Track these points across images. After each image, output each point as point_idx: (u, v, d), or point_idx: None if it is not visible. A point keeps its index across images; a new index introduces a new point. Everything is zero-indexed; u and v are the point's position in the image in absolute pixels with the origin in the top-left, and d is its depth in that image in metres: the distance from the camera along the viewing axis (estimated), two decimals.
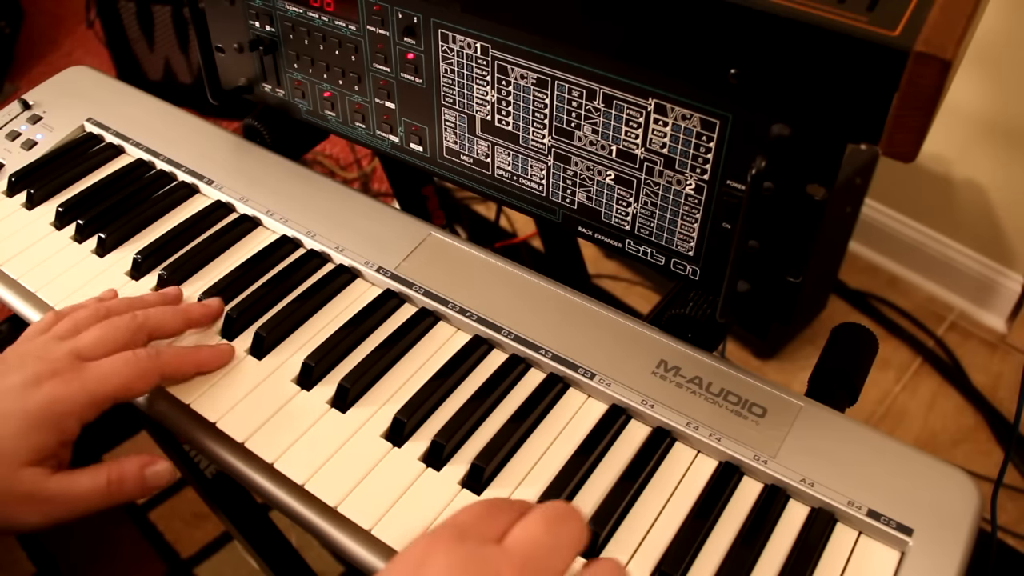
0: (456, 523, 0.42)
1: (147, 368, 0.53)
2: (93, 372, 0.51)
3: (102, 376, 0.51)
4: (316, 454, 0.52)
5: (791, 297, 0.53)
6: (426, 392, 0.55)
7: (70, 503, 0.50)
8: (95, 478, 0.51)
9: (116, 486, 0.51)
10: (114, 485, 0.51)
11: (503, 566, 0.39)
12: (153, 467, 0.52)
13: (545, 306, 0.60)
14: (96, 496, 0.50)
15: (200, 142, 0.74)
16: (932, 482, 0.49)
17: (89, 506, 0.50)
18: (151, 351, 0.54)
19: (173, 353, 0.55)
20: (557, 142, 0.59)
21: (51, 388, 0.50)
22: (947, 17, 0.41)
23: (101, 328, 0.54)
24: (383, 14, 0.61)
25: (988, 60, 1.38)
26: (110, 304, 0.58)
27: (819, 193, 0.49)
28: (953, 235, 1.59)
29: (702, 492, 0.51)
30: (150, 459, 0.53)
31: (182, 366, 0.55)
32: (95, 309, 0.56)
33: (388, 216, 0.67)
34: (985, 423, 1.44)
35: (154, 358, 0.54)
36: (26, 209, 0.70)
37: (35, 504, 0.49)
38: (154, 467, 0.52)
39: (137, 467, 0.52)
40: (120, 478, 0.51)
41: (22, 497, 0.48)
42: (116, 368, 0.52)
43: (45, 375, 0.50)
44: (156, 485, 0.52)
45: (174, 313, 0.58)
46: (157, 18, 1.79)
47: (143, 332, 0.55)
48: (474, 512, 0.43)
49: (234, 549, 1.29)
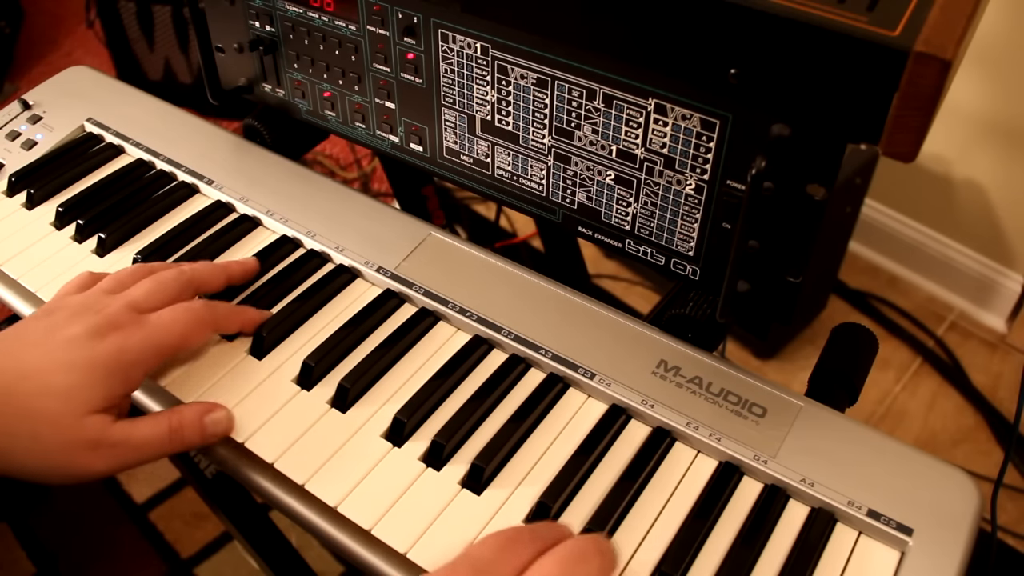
0: (474, 557, 0.43)
1: (204, 318, 0.55)
2: (155, 323, 0.53)
3: (164, 326, 0.53)
4: (316, 454, 0.52)
5: (791, 297, 0.53)
6: (426, 392, 0.55)
7: (133, 449, 0.50)
8: (156, 425, 0.51)
9: (177, 433, 0.51)
10: (175, 432, 0.51)
11: None
12: (212, 415, 0.52)
13: (545, 306, 0.60)
14: (158, 442, 0.51)
15: (200, 142, 0.74)
16: (932, 482, 0.49)
17: (151, 453, 0.51)
18: (207, 302, 0.56)
19: (226, 308, 0.58)
20: (557, 142, 0.59)
21: (116, 339, 0.51)
22: (947, 17, 0.41)
23: (151, 282, 0.55)
24: (383, 14, 0.61)
25: (988, 60, 1.38)
26: (151, 264, 0.59)
27: (819, 193, 0.49)
28: (953, 235, 1.59)
29: (702, 492, 0.51)
30: (209, 406, 0.53)
31: (232, 321, 0.58)
32: (137, 266, 0.58)
33: (388, 216, 0.67)
34: (985, 423, 1.44)
35: (211, 309, 0.56)
36: (26, 209, 0.70)
37: (99, 451, 0.49)
38: (213, 415, 0.52)
39: (197, 414, 0.52)
40: (180, 425, 0.51)
41: (88, 443, 0.49)
42: (176, 318, 0.53)
43: (106, 327, 0.51)
44: (215, 433, 0.52)
45: (216, 269, 0.60)
46: (157, 18, 1.79)
47: (191, 286, 0.57)
48: (493, 545, 0.44)
49: (234, 549, 1.29)
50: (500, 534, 0.45)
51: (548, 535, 0.46)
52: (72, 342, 0.50)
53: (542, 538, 0.45)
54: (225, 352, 0.58)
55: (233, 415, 0.53)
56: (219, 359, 0.58)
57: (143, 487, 1.37)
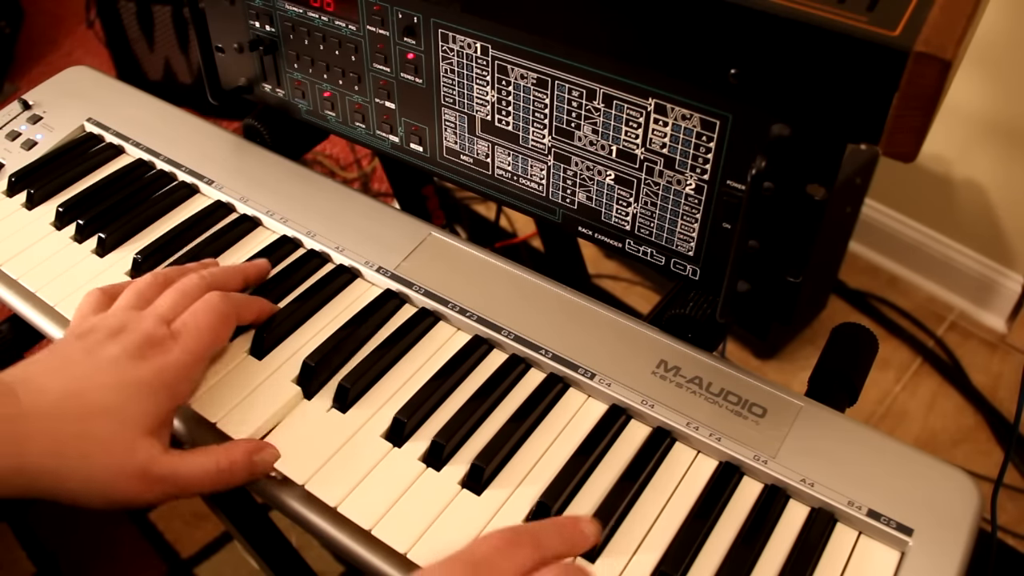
0: (472, 556, 0.43)
1: (227, 313, 0.55)
2: (185, 332, 0.53)
3: (194, 334, 0.53)
4: (316, 454, 0.52)
5: (791, 297, 0.53)
6: (426, 392, 0.55)
7: (178, 485, 0.49)
8: (205, 462, 0.50)
9: (226, 473, 0.50)
10: (224, 472, 0.50)
11: None
12: (260, 454, 0.51)
13: (545, 306, 0.60)
14: (205, 480, 0.50)
15: (200, 142, 0.74)
16: (932, 482, 0.49)
17: (196, 489, 0.50)
18: (223, 296, 0.56)
19: (242, 298, 0.58)
20: (557, 142, 0.59)
21: (157, 358, 0.51)
22: (947, 17, 0.41)
23: (175, 292, 0.56)
24: (383, 14, 0.61)
25: (988, 60, 1.38)
26: (166, 271, 0.59)
27: (819, 193, 0.49)
28: (953, 235, 1.59)
29: (702, 492, 0.51)
30: (257, 445, 0.52)
31: (250, 310, 0.58)
32: (153, 276, 0.58)
33: (388, 216, 0.67)
34: (985, 423, 1.44)
35: (230, 302, 0.56)
36: (26, 209, 0.70)
37: (146, 481, 0.48)
38: (261, 454, 0.51)
39: (245, 454, 0.51)
40: (230, 465, 0.50)
41: (136, 472, 0.48)
42: (202, 321, 0.54)
43: (145, 346, 0.51)
44: (263, 471, 0.52)
45: (234, 272, 0.60)
46: (157, 18, 1.79)
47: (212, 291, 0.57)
48: (492, 545, 0.44)
49: (234, 549, 1.29)
50: (501, 533, 0.45)
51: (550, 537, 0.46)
52: (116, 363, 0.50)
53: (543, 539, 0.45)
54: (225, 352, 0.58)
55: (277, 451, 0.52)
56: (219, 359, 0.58)
57: None
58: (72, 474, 0.47)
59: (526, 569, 0.43)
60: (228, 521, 0.84)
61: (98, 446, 0.47)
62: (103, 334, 0.52)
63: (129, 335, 0.51)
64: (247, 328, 0.59)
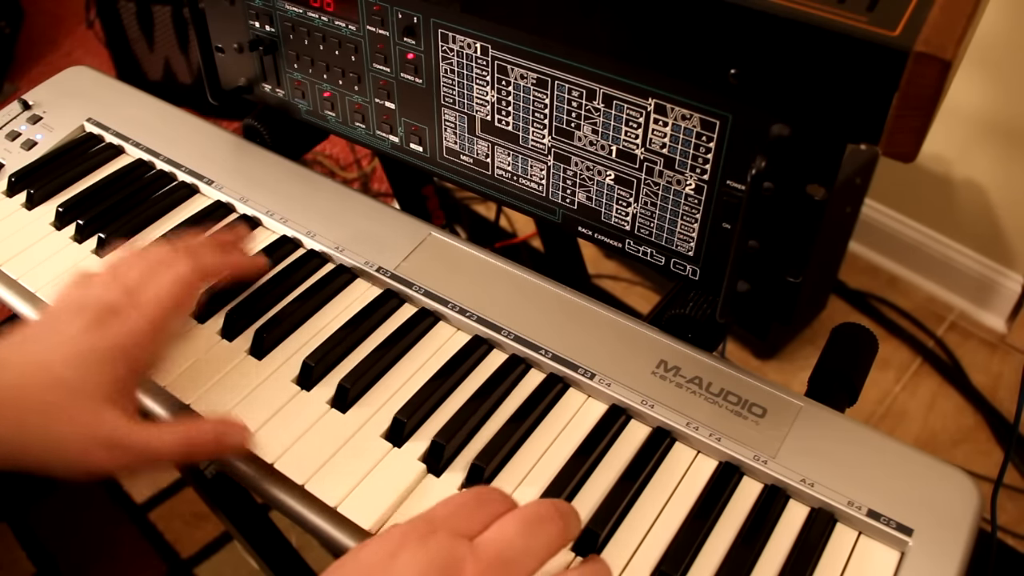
0: (431, 517, 0.42)
1: (189, 279, 0.55)
2: (145, 298, 0.53)
3: (154, 301, 0.53)
4: (316, 454, 0.52)
5: (791, 297, 0.53)
6: (426, 392, 0.55)
7: (146, 455, 0.50)
8: (173, 434, 0.50)
9: (193, 444, 0.51)
10: (192, 443, 0.50)
11: (468, 565, 0.40)
12: (229, 429, 0.52)
13: (545, 306, 0.60)
14: (171, 452, 0.50)
15: (200, 142, 0.74)
16: (932, 482, 0.49)
17: (164, 459, 0.51)
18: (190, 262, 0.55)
19: (210, 256, 0.57)
20: (557, 142, 0.59)
21: (115, 327, 0.51)
22: (947, 17, 0.41)
23: (144, 262, 0.55)
24: (383, 14, 0.61)
25: (988, 60, 1.38)
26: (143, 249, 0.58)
27: (819, 193, 0.49)
28: (953, 235, 1.59)
29: (702, 492, 0.51)
30: (227, 421, 0.53)
31: (222, 266, 0.58)
32: (128, 253, 0.58)
33: (388, 216, 0.67)
34: (985, 423, 1.44)
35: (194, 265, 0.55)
36: (26, 209, 0.70)
37: (111, 451, 0.49)
38: (230, 429, 0.52)
39: (214, 427, 0.52)
40: (198, 436, 0.51)
41: (104, 442, 0.48)
42: (163, 288, 0.53)
43: (106, 315, 0.51)
44: (231, 446, 0.52)
45: (205, 239, 0.60)
46: (157, 18, 1.79)
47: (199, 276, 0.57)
48: (453, 505, 0.43)
49: (234, 549, 1.29)
50: (464, 494, 0.44)
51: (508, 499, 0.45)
52: (76, 336, 0.51)
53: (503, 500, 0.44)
54: (225, 352, 0.58)
55: (250, 431, 0.53)
56: (219, 359, 0.58)
57: (143, 487, 1.37)
58: (38, 444, 0.48)
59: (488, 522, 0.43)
60: (228, 521, 0.84)
61: (61, 416, 0.48)
62: (70, 311, 0.53)
63: (91, 307, 0.52)
64: (245, 327, 0.59)
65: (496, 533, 0.42)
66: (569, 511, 0.44)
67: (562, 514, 0.44)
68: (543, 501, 0.44)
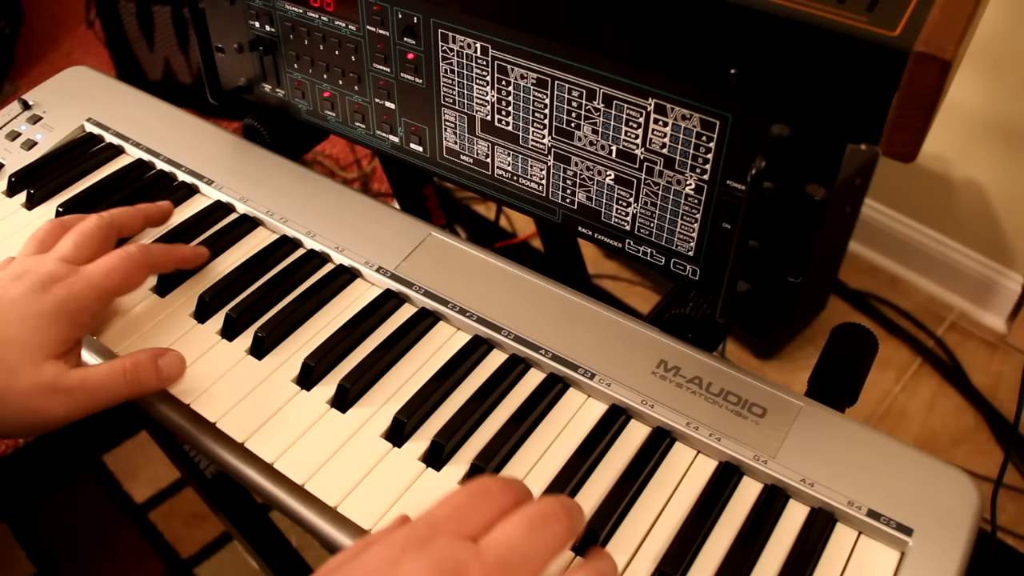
0: (433, 518, 0.42)
1: (140, 261, 0.58)
2: (94, 270, 0.56)
3: (103, 272, 0.56)
4: (316, 454, 0.52)
5: (791, 297, 0.53)
6: (426, 392, 0.55)
7: (89, 393, 0.52)
8: (111, 369, 0.53)
9: (132, 374, 0.53)
10: (130, 373, 0.53)
11: (473, 569, 0.39)
12: (165, 357, 0.55)
13: (545, 306, 0.60)
14: (113, 385, 0.53)
15: (200, 142, 0.74)
16: (932, 482, 0.49)
17: (108, 396, 0.53)
18: (141, 246, 0.59)
19: (159, 249, 0.60)
20: (557, 142, 0.59)
21: (58, 290, 0.54)
22: (947, 17, 0.41)
23: (74, 234, 0.59)
24: (383, 14, 0.61)
25: (988, 60, 1.38)
26: (63, 219, 0.61)
27: (819, 193, 0.49)
28: (953, 235, 1.59)
29: (702, 492, 0.51)
30: (162, 350, 0.55)
31: (168, 260, 0.61)
32: (50, 223, 0.61)
33: (388, 216, 0.67)
34: (985, 423, 1.44)
35: (144, 252, 0.58)
36: (26, 209, 0.70)
37: (56, 395, 0.51)
38: (166, 357, 0.55)
39: (150, 357, 0.54)
40: (135, 367, 0.54)
41: (45, 388, 0.51)
42: (114, 264, 0.57)
43: (48, 280, 0.54)
44: (170, 376, 0.55)
45: (134, 212, 0.63)
46: (157, 18, 1.79)
47: (112, 230, 0.61)
48: (454, 504, 0.42)
49: (234, 549, 1.29)
50: (461, 491, 0.43)
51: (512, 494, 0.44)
52: (19, 299, 0.53)
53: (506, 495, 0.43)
54: (225, 352, 0.58)
55: (184, 358, 0.56)
56: (219, 359, 0.58)
57: (143, 487, 1.37)
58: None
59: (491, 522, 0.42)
60: (228, 521, 0.85)
61: (4, 372, 0.51)
62: (6, 280, 0.55)
63: (31, 275, 0.55)
64: (245, 327, 0.59)
65: (501, 534, 0.41)
66: (575, 508, 0.44)
67: (568, 512, 0.43)
68: (548, 499, 0.44)
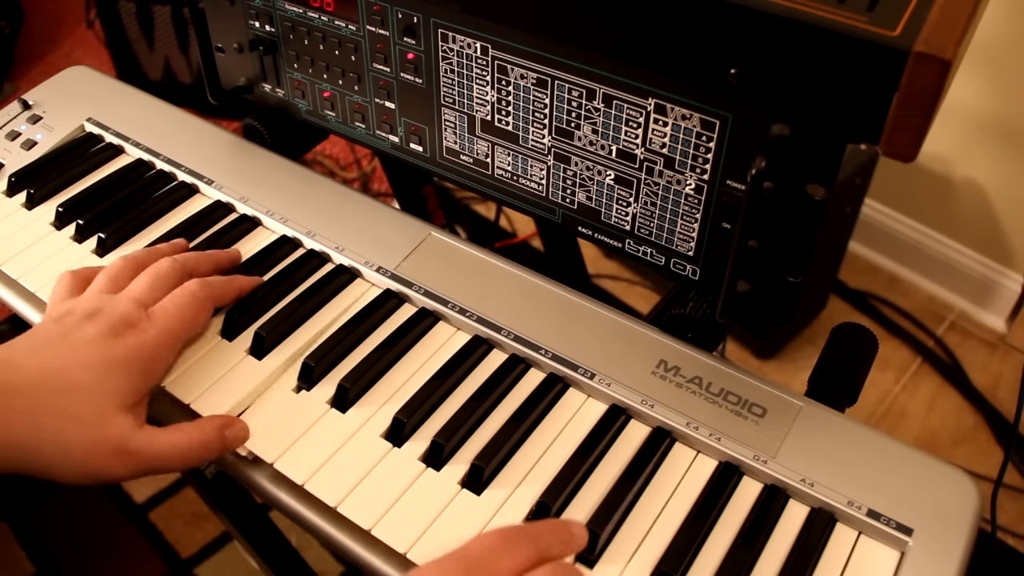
0: (468, 555, 0.43)
1: (204, 298, 0.57)
2: (162, 314, 0.55)
3: (171, 316, 0.55)
4: (316, 454, 0.52)
5: (791, 297, 0.53)
6: (426, 392, 0.55)
7: (153, 459, 0.51)
8: (179, 438, 0.51)
9: (198, 448, 0.51)
10: (196, 447, 0.51)
11: None
12: (231, 428, 0.53)
13: (545, 306, 0.60)
14: (178, 456, 0.51)
15: (200, 142, 0.74)
16: (932, 482, 0.49)
17: (171, 464, 0.51)
18: (201, 281, 0.58)
19: (219, 281, 0.59)
20: (557, 142, 0.59)
21: (132, 337, 0.52)
22: (947, 17, 0.41)
23: (150, 276, 0.57)
24: (383, 14, 0.61)
25: (988, 60, 1.38)
26: (137, 255, 0.60)
27: (819, 193, 0.49)
28: (953, 235, 1.59)
29: (702, 492, 0.51)
30: (229, 420, 0.53)
31: (228, 292, 0.60)
32: (124, 260, 0.59)
33: (388, 216, 0.67)
34: (985, 423, 1.44)
35: (207, 289, 0.57)
36: (26, 209, 0.70)
37: (121, 456, 0.50)
38: (232, 428, 0.53)
39: (217, 429, 0.52)
40: (203, 439, 0.52)
41: (111, 447, 0.49)
42: (179, 305, 0.55)
43: (121, 326, 0.53)
44: (234, 446, 0.53)
45: (206, 258, 0.62)
46: (157, 18, 1.79)
47: (185, 274, 0.59)
48: (488, 543, 0.44)
49: (234, 549, 1.29)
50: (496, 533, 0.45)
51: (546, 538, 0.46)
52: (91, 343, 0.51)
53: (538, 538, 0.45)
54: (225, 352, 0.58)
55: (249, 428, 0.53)
56: (219, 359, 0.58)
57: (143, 487, 1.37)
58: (48, 448, 0.49)
59: (521, 568, 0.43)
60: (228, 521, 0.84)
61: (73, 421, 0.49)
62: (79, 316, 0.53)
63: (105, 317, 0.53)
64: (245, 326, 0.59)
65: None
66: None
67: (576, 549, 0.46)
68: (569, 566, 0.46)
